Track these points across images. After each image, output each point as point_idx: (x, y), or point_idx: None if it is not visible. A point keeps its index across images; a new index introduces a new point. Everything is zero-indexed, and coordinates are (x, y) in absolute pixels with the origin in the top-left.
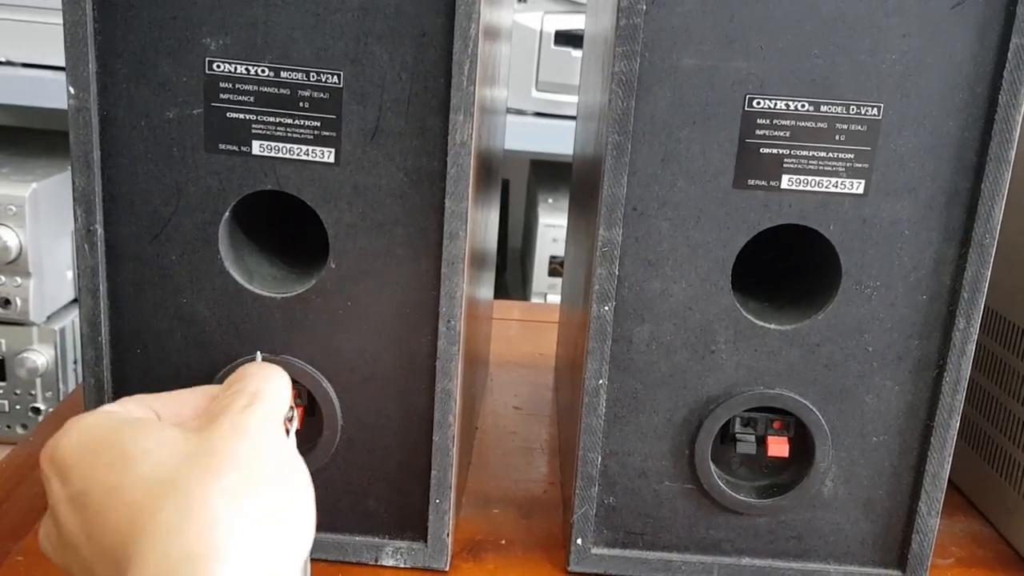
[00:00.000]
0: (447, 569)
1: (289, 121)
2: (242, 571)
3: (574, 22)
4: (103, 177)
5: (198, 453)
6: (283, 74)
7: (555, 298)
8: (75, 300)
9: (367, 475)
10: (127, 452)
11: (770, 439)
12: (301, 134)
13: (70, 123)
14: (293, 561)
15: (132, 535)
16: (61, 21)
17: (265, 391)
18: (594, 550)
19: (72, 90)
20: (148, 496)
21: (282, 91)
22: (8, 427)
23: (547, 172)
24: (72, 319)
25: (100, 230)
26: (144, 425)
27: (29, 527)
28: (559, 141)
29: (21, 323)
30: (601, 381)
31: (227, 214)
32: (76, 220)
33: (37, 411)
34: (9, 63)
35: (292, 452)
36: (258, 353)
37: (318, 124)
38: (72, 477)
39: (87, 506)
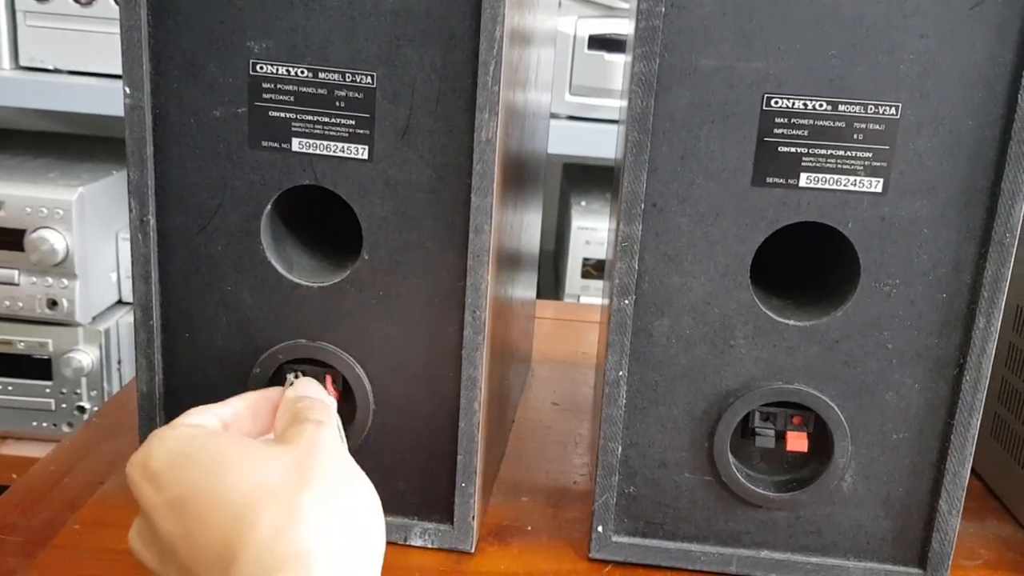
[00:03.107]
0: (473, 551)
1: (326, 119)
2: (337, 566)
3: (608, 26)
4: (156, 171)
5: (288, 465)
6: (321, 75)
7: (588, 299)
8: (119, 301)
9: (397, 458)
10: (223, 460)
11: (789, 434)
12: (337, 132)
13: (126, 120)
14: (375, 561)
15: (237, 534)
16: (105, 30)
17: (325, 418)
18: (615, 538)
19: (128, 90)
20: (250, 500)
21: (320, 91)
22: (54, 425)
23: (580, 175)
24: (117, 320)
25: (152, 221)
26: (231, 437)
27: (86, 499)
28: (592, 144)
29: (67, 324)
30: (621, 373)
31: (269, 207)
32: (131, 211)
33: (82, 410)
34: (56, 71)
35: (356, 466)
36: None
37: (353, 122)
38: (167, 484)
39: (186, 509)
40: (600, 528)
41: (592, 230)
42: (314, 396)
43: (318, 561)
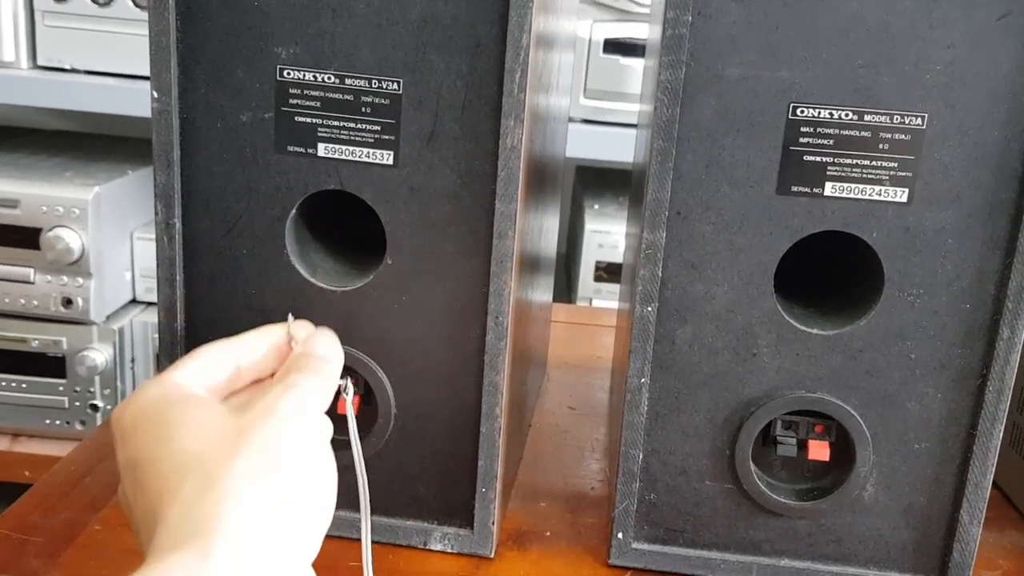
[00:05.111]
0: (492, 556)
1: (352, 125)
2: (242, 545)
3: (623, 30)
4: (182, 175)
5: (228, 434)
6: (347, 81)
7: (600, 303)
8: (134, 300)
9: (418, 463)
10: (170, 427)
11: (811, 443)
12: (363, 137)
13: (153, 124)
14: (303, 541)
15: (161, 503)
16: (123, 31)
17: (303, 379)
18: (635, 545)
19: (156, 94)
20: (176, 471)
21: (346, 97)
22: (67, 423)
23: (593, 178)
24: (131, 319)
25: (178, 224)
26: (192, 402)
27: (107, 500)
28: (605, 147)
29: (82, 322)
30: (643, 380)
31: (294, 212)
32: (156, 214)
33: (95, 408)
34: (73, 70)
35: (317, 440)
36: (289, 316)
37: (378, 128)
38: (128, 442)
39: (135, 471)
40: (620, 535)
41: (605, 233)
42: (315, 350)
43: (222, 537)
